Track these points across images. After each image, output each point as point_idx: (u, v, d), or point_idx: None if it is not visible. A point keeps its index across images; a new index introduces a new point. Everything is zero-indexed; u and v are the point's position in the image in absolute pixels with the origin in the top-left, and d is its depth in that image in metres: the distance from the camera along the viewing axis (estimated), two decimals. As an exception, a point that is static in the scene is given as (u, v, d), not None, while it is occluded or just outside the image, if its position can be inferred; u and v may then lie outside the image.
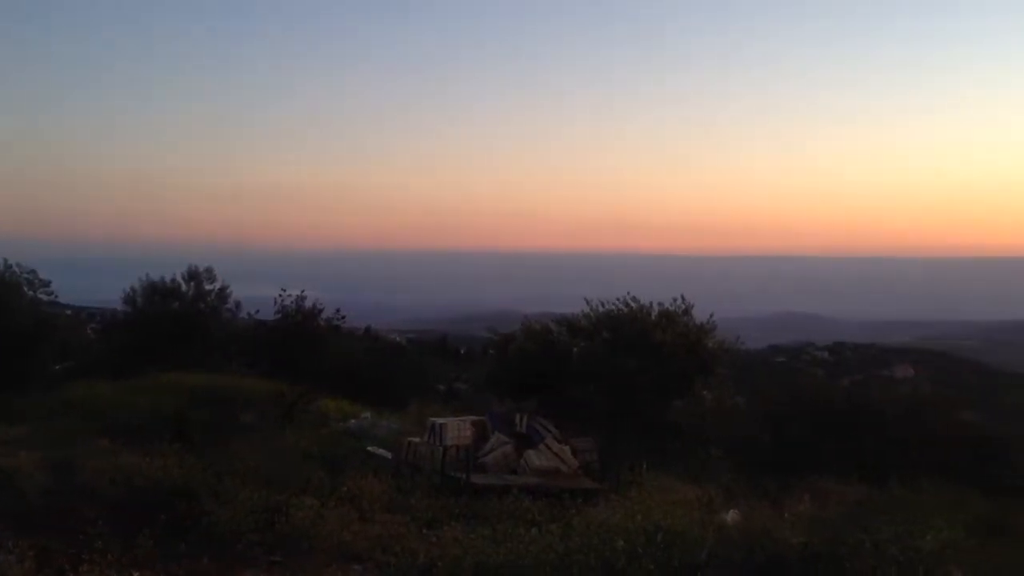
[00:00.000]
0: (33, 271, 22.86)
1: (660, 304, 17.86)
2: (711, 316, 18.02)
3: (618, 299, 18.26)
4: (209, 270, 26.01)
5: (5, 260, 22.33)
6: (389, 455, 14.21)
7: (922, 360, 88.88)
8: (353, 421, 17.38)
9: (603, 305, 18.32)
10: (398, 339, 58.40)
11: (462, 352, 53.72)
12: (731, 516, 10.03)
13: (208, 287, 25.87)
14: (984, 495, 12.88)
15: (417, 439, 14.55)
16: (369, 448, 14.61)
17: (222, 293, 26.02)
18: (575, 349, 18.12)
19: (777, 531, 8.43)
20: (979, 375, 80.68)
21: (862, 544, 7.31)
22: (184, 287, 25.69)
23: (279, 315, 24.48)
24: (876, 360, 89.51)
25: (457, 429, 14.34)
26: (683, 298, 18.03)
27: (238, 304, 26.11)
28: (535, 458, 14.21)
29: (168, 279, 25.60)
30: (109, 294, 32.37)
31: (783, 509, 10.93)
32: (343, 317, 25.86)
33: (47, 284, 23.09)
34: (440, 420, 14.63)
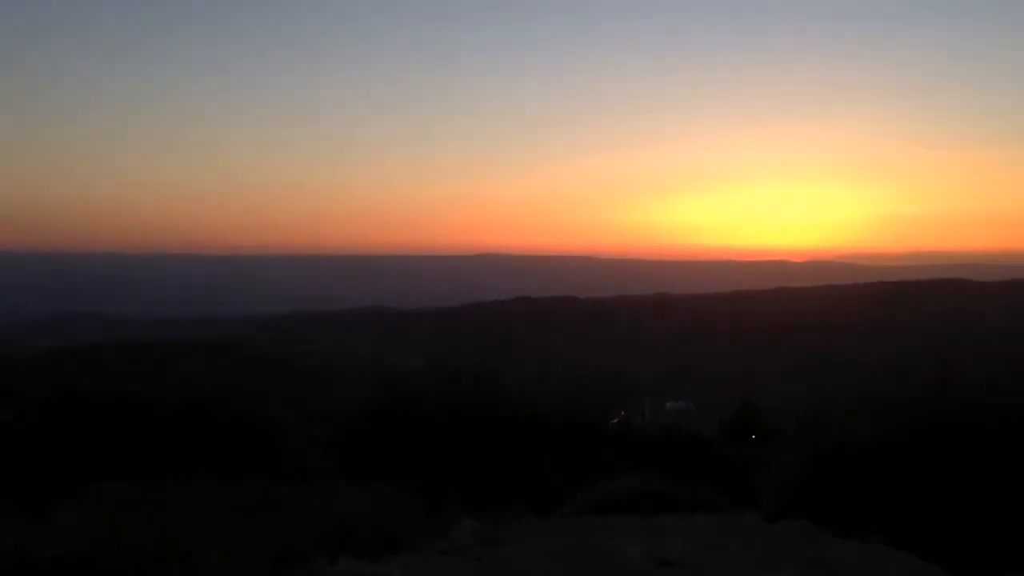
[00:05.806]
0: None
1: None
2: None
3: None
4: None
5: None
6: None
7: (213, 355, 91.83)
8: None
9: None
10: None
11: None
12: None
13: None
14: (255, 477, 13.65)
15: None
16: None
17: None
18: None
19: (33, 543, 7.91)
20: (265, 365, 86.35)
21: (120, 544, 7.23)
22: None
23: None
24: (168, 356, 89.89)
25: None
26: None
27: None
28: None
29: None
30: None
31: (46, 520, 10.29)
32: None
33: None
34: None
